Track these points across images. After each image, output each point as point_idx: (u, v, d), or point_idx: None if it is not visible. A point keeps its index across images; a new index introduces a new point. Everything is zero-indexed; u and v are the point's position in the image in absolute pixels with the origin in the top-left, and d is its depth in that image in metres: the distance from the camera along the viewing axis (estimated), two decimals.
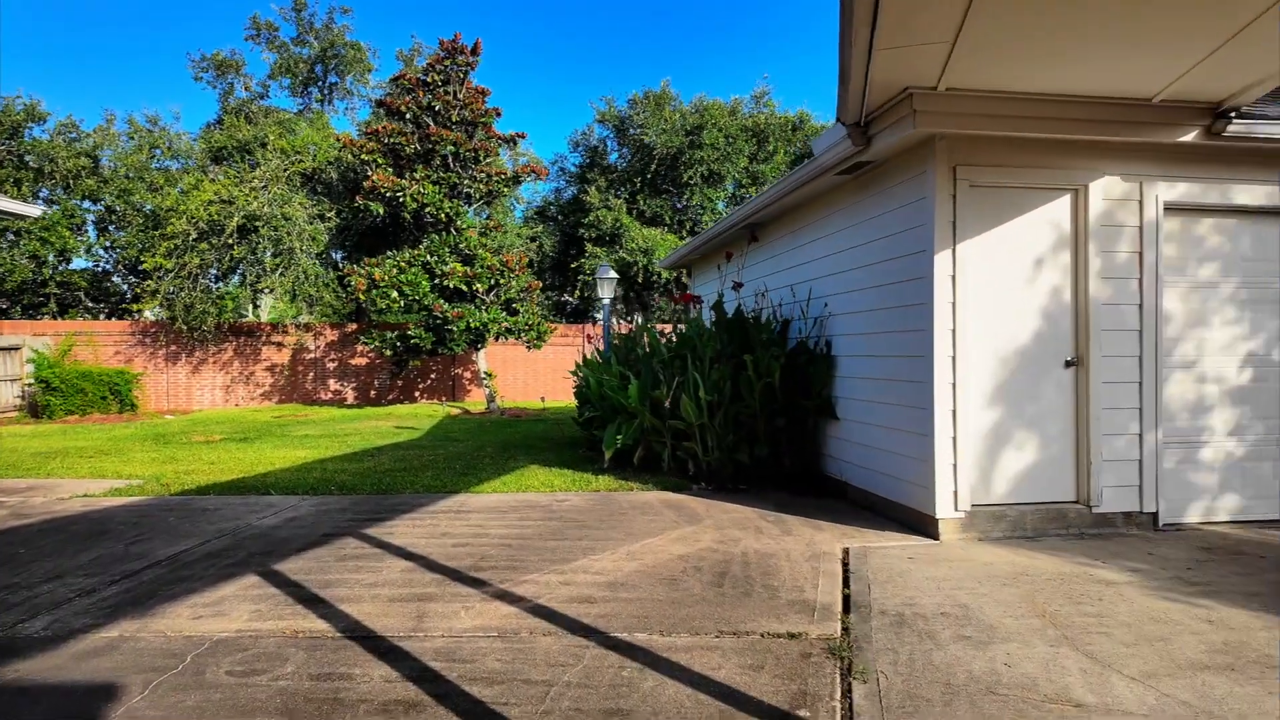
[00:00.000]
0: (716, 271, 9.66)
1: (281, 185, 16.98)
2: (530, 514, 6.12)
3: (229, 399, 19.27)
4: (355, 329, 20.14)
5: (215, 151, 18.53)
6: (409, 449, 10.31)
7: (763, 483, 7.15)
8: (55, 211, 19.32)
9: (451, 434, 12.38)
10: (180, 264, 16.77)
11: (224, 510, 6.38)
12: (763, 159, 20.09)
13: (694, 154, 19.34)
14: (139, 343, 18.68)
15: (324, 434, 12.53)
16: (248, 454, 9.98)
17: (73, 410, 16.13)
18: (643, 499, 6.67)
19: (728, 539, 5.25)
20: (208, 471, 8.45)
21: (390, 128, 16.31)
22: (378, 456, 9.58)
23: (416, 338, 16.23)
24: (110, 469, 8.69)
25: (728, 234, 8.93)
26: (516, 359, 20.86)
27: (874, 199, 5.97)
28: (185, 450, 10.44)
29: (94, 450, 10.48)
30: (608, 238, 20.20)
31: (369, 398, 20.20)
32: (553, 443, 10.86)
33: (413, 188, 15.94)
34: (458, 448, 10.40)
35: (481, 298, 16.99)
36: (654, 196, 20.56)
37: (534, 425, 13.73)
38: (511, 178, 17.40)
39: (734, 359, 7.19)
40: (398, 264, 16.09)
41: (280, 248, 16.40)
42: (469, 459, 9.21)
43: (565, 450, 9.87)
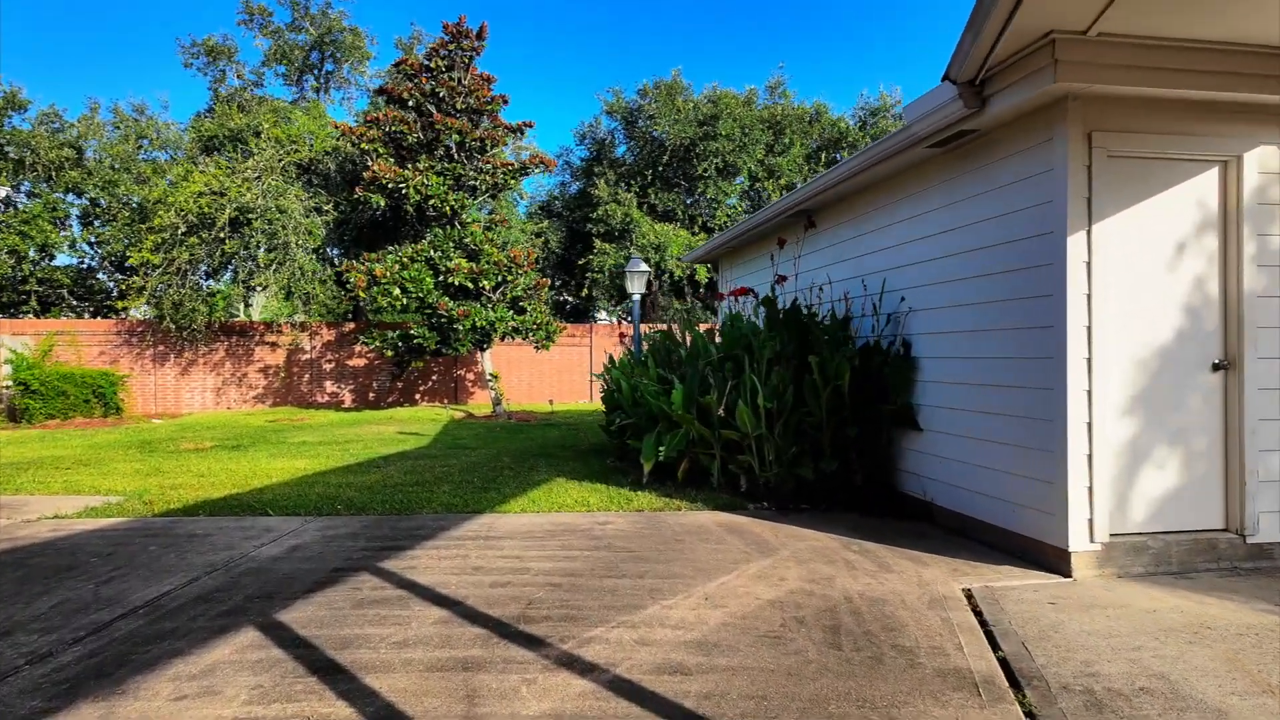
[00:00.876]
0: (768, 262, 8.81)
1: (276, 176, 16.06)
2: (572, 541, 5.27)
3: (220, 402, 18.32)
4: (353, 328, 19.23)
5: (206, 141, 17.59)
6: (419, 459, 9.44)
7: (828, 501, 6.32)
8: (36, 204, 18.34)
9: (461, 440, 11.51)
10: (168, 259, 15.83)
11: (215, 536, 5.50)
12: (779, 151, 19.28)
13: (708, 145, 18.50)
14: (125, 343, 17.72)
15: (323, 441, 11.64)
16: (241, 464, 9.09)
17: (54, 414, 15.18)
18: (696, 521, 5.83)
19: (818, 577, 4.41)
20: (196, 486, 7.56)
21: (392, 115, 15.42)
22: (385, 468, 8.70)
23: (420, 337, 15.34)
24: (88, 483, 7.79)
25: (778, 220, 8.08)
26: (522, 360, 19.99)
27: (976, 174, 5.15)
28: (172, 460, 9.54)
29: (72, 460, 9.57)
30: (617, 233, 19.35)
31: (368, 400, 19.30)
32: (574, 451, 10.01)
33: (416, 179, 15.05)
34: (472, 457, 9.53)
35: (488, 295, 16.12)
36: (665, 190, 19.73)
37: (547, 431, 12.87)
38: (518, 169, 16.54)
39: (795, 361, 6.35)
40: (399, 259, 15.19)
41: (275, 242, 15.48)
42: (487, 471, 8.35)
43: (591, 460, 9.02)
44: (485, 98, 16.01)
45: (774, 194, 18.67)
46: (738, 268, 10.58)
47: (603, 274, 18.98)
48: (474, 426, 14.02)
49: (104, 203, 19.39)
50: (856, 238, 6.87)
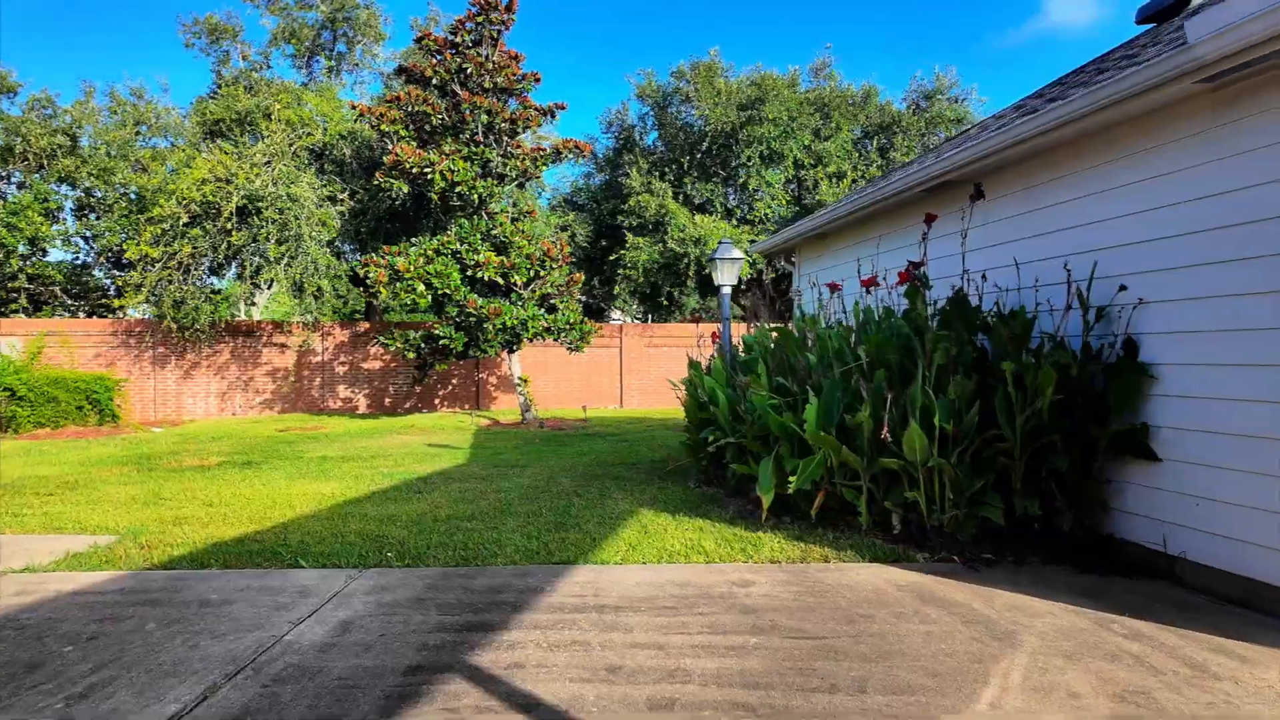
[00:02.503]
0: (871, 248, 7.43)
1: (287, 161, 14.67)
2: (718, 617, 3.89)
3: (225, 408, 16.95)
4: (368, 328, 17.87)
5: (210, 125, 16.19)
6: (463, 480, 8.05)
7: (1020, 549, 4.93)
8: (26, 195, 16.95)
9: (501, 455, 10.13)
10: (169, 252, 14.45)
11: (235, 605, 4.12)
12: (826, 136, 17.91)
13: (751, 130, 17.11)
14: (122, 344, 16.36)
15: (345, 455, 10.27)
16: (256, 488, 7.71)
17: (43, 423, 13.82)
18: (864, 582, 4.45)
19: (1125, 690, 3.03)
20: (205, 521, 6.18)
21: (415, 93, 14.03)
22: (428, 493, 7.32)
23: (446, 338, 13.96)
24: (72, 516, 6.40)
25: (915, 192, 6.68)
26: (548, 362, 18.62)
27: (1261, 120, 3.77)
28: (174, 481, 8.15)
29: (57, 482, 8.18)
30: (650, 226, 17.97)
31: (383, 406, 17.93)
32: (639, 470, 8.63)
33: (443, 163, 13.66)
34: (524, 478, 8.14)
35: (518, 292, 14.74)
36: (702, 180, 18.34)
37: (593, 443, 11.49)
38: (551, 154, 15.15)
39: (976, 369, 4.98)
40: (424, 252, 13.81)
41: (286, 234, 14.10)
42: (551, 498, 6.96)
43: (668, 484, 7.64)
44: (515, 76, 14.62)
45: (822, 182, 17.32)
46: (826, 257, 9.19)
47: (635, 269, 17.59)
48: (507, 436, 12.65)
49: (99, 193, 18.00)
50: (1047, 210, 5.45)
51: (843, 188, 17.05)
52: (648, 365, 19.33)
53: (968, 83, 21.39)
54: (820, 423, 5.25)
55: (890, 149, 18.37)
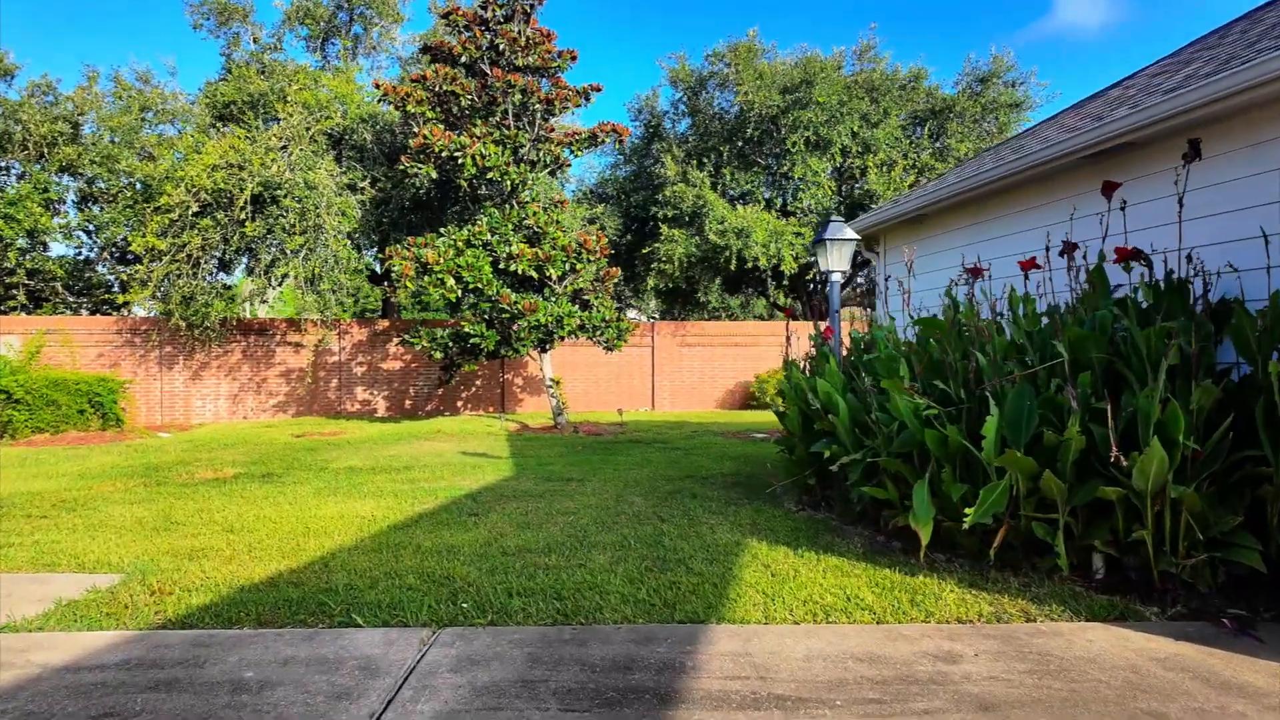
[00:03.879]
0: (979, 234, 6.30)
1: (304, 146, 13.62)
2: (944, 715, 2.81)
3: (236, 410, 15.92)
4: (387, 327, 16.82)
5: (221, 108, 15.15)
6: (518, 498, 6.98)
7: (1277, 602, 3.85)
8: (25, 184, 15.93)
9: (550, 466, 9.06)
10: (177, 244, 13.41)
11: (278, 690, 3.06)
12: (874, 122, 16.81)
13: (797, 115, 16.00)
14: (127, 343, 15.34)
15: (374, 465, 9.22)
16: (282, 507, 6.66)
17: (42, 427, 12.80)
18: (1109, 653, 3.37)
19: None
20: (227, 554, 5.13)
21: (444, 71, 12.96)
22: (483, 515, 6.25)
23: (477, 336, 12.89)
24: (68, 548, 5.35)
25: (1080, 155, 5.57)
26: (576, 362, 17.57)
27: None
28: (187, 499, 7.10)
29: (53, 500, 7.13)
30: (687, 218, 16.88)
31: (404, 408, 16.89)
32: (715, 485, 7.56)
33: (474, 147, 12.59)
34: (587, 495, 7.07)
35: (552, 286, 13.68)
36: (742, 169, 17.24)
37: (644, 452, 10.43)
38: (587, 138, 14.07)
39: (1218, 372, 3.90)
40: (454, 244, 12.74)
41: (305, 224, 13.04)
42: (633, 524, 5.89)
43: (760, 503, 6.56)
44: (550, 54, 13.55)
45: (871, 171, 16.22)
46: (929, 241, 8.10)
47: (671, 263, 16.51)
48: (545, 443, 11.59)
49: (103, 183, 16.97)
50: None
51: (893, 178, 15.96)
52: (680, 365, 18.27)
53: (1025, 65, 20.10)
54: (1005, 439, 4.17)
55: (942, 135, 17.27)
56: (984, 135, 17.43)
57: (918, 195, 7.90)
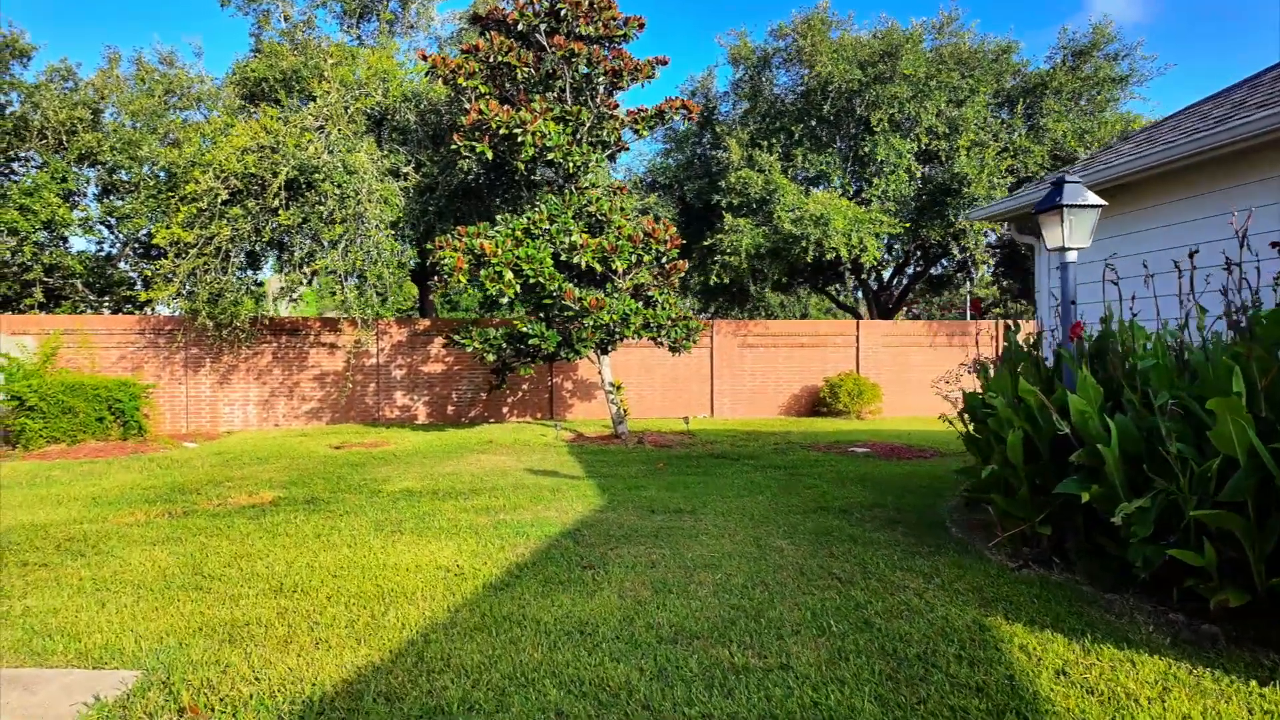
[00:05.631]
0: (1198, 210, 4.76)
1: (343, 126, 12.31)
2: None
3: (267, 418, 14.67)
4: (428, 326, 15.51)
5: (252, 86, 13.90)
6: (628, 539, 5.55)
7: None
8: (42, 173, 14.78)
9: (641, 490, 7.62)
10: (204, 236, 12.15)
11: None
12: (960, 100, 15.24)
13: (879, 91, 14.46)
14: (150, 344, 14.13)
15: (435, 488, 7.85)
16: (339, 550, 5.29)
17: (58, 437, 11.59)
18: None
19: None
20: (281, 632, 3.76)
21: (499, 40, 11.59)
22: (598, 566, 4.83)
23: (536, 336, 11.50)
24: (68, 621, 4.00)
25: None
26: (629, 364, 16.16)
27: None
28: (221, 536, 5.75)
29: (59, 538, 5.81)
30: (754, 205, 15.40)
31: (445, 415, 15.57)
32: (863, 519, 6.10)
33: (535, 123, 11.20)
34: (713, 535, 5.64)
35: (615, 281, 12.26)
36: (814, 152, 15.72)
37: (740, 472, 9.00)
38: (654, 116, 12.64)
39: None
40: (512, 234, 11.37)
41: (344, 212, 11.72)
42: (811, 587, 4.45)
43: (940, 546, 5.09)
44: (614, 20, 12.14)
45: (960, 152, 14.65)
46: (1123, 220, 6.56)
47: (737, 255, 15.04)
48: (614, 457, 10.20)
49: (125, 174, 15.80)
50: None
51: (987, 159, 14.38)
52: (741, 367, 16.81)
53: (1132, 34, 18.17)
54: None
55: (1036, 114, 15.64)
56: (1081, 114, 15.78)
57: (1116, 162, 6.36)
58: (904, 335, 17.22)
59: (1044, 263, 7.53)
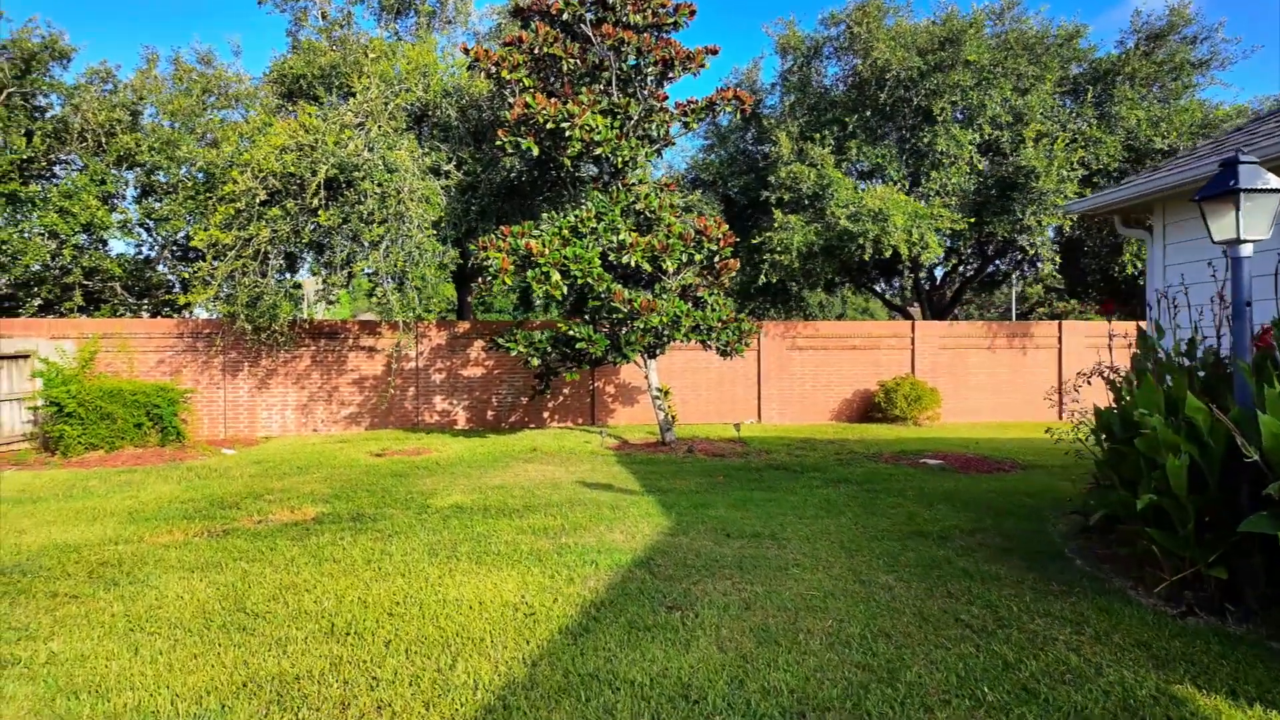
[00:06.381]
0: None
1: (383, 122, 11.88)
2: None
3: (305, 423, 14.33)
4: (467, 329, 15.07)
5: (290, 83, 13.56)
6: (710, 571, 4.95)
7: None
8: (81, 175, 14.62)
9: (704, 506, 7.02)
10: (243, 238, 11.81)
11: None
12: (1024, 88, 14.36)
13: (940, 79, 13.66)
14: (189, 348, 13.87)
15: (485, 503, 7.32)
16: (393, 581, 4.78)
17: (96, 444, 11.33)
18: None
19: None
20: (337, 690, 3.25)
21: (544, 30, 11.07)
22: (684, 607, 4.25)
23: (583, 340, 10.96)
24: (97, 676, 3.52)
25: None
26: (674, 368, 15.56)
27: None
28: (264, 562, 5.27)
29: (92, 562, 5.38)
30: (805, 201, 14.71)
31: (485, 420, 15.11)
32: (967, 547, 5.43)
33: (583, 116, 10.66)
34: (805, 567, 5.02)
35: (664, 281, 11.67)
36: (869, 144, 14.96)
37: (812, 484, 8.34)
38: (704, 107, 12.03)
39: None
40: (559, 232, 10.84)
41: (384, 212, 11.28)
42: (939, 638, 3.82)
43: (1067, 581, 4.42)
44: (664, 7, 11.55)
45: (1029, 144, 13.77)
46: None
47: (788, 254, 14.35)
48: (667, 467, 9.61)
49: (164, 176, 15.60)
50: None
51: (1056, 150, 13.51)
52: (790, 371, 16.11)
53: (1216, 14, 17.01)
54: None
55: (1106, 102, 14.71)
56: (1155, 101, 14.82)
57: None
58: (962, 337, 16.38)
59: (1158, 259, 6.76)
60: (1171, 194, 6.44)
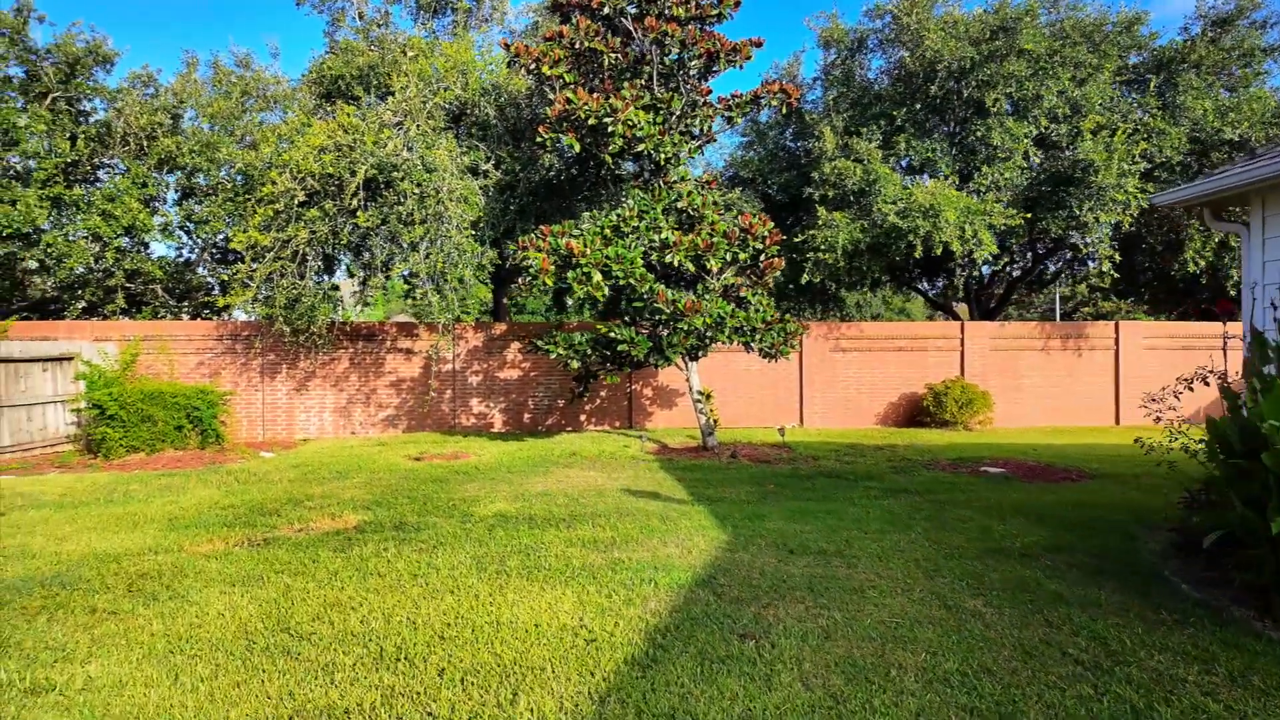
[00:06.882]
0: None
1: (422, 121, 11.70)
2: None
3: (343, 426, 14.24)
4: (504, 331, 14.86)
5: (329, 84, 13.49)
6: (779, 594, 4.60)
7: None
8: (123, 178, 14.70)
9: (758, 517, 6.66)
10: (281, 239, 11.72)
11: None
12: (1081, 78, 13.74)
13: (993, 70, 13.09)
14: (228, 350, 13.86)
15: (529, 512, 7.04)
16: (443, 600, 4.50)
17: (137, 446, 11.31)
18: None
19: None
20: None
21: (585, 24, 10.80)
22: (759, 636, 3.91)
23: (625, 342, 10.65)
24: (135, 709, 3.29)
25: None
26: (712, 369, 15.17)
27: None
28: (306, 576, 5.04)
29: (131, 573, 5.20)
30: (851, 197, 14.23)
31: (521, 423, 14.89)
32: (1051, 566, 5.00)
33: (626, 112, 10.36)
34: (881, 590, 4.64)
35: (707, 281, 11.32)
36: (918, 138, 14.44)
37: (869, 494, 7.93)
38: (749, 101, 11.66)
39: None
40: (600, 231, 10.55)
41: (424, 212, 11.09)
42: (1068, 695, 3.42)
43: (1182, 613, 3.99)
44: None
45: (1087, 136, 13.14)
46: None
47: (832, 252, 13.89)
48: (712, 474, 9.26)
49: (203, 178, 15.66)
50: None
51: (1116, 143, 12.87)
52: (833, 374, 15.64)
53: None
54: None
55: (1170, 91, 14.01)
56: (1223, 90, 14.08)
57: None
58: (1013, 338, 15.76)
59: (1255, 256, 6.25)
60: (1274, 184, 5.93)
